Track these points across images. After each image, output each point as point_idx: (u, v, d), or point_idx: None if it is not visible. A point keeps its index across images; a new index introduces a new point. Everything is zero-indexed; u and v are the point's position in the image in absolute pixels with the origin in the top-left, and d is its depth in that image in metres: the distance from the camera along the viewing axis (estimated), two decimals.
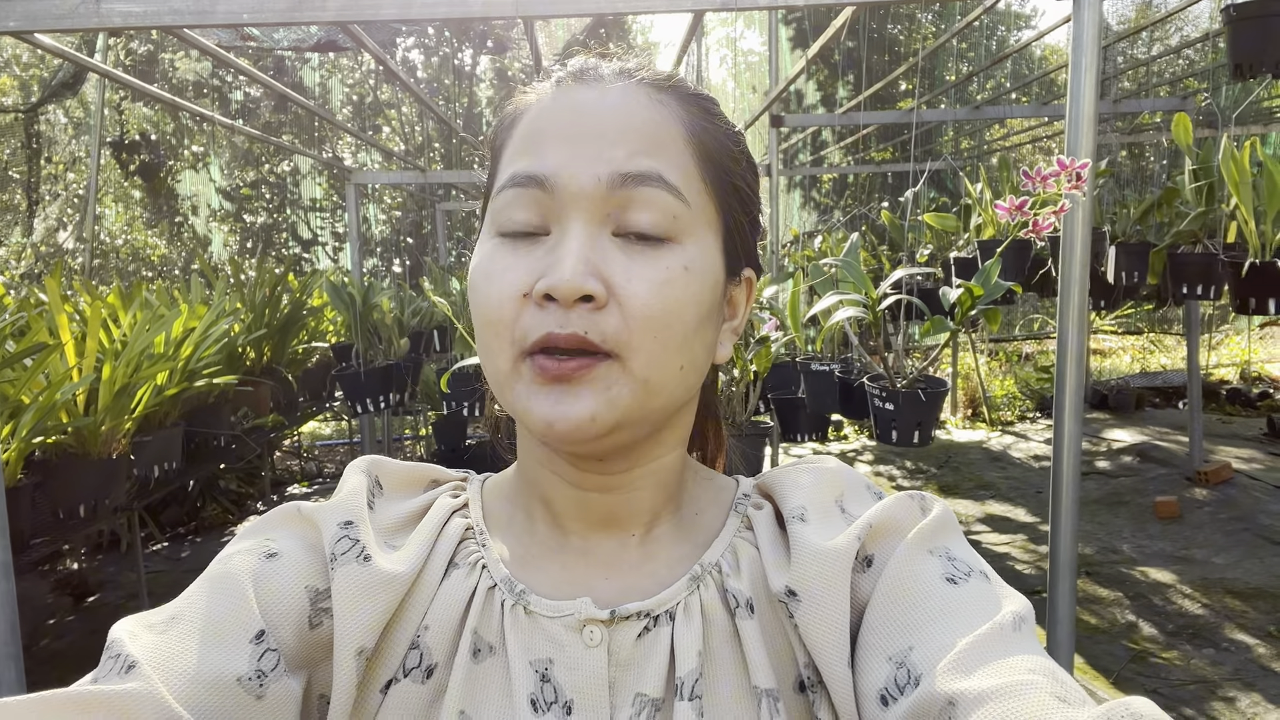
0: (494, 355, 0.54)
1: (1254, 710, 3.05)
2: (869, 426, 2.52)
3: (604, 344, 0.51)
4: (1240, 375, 8.24)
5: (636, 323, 0.51)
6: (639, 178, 0.52)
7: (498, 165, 0.58)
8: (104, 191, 9.32)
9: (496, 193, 0.55)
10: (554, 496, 0.60)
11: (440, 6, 1.70)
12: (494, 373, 0.54)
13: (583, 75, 0.57)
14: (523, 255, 0.53)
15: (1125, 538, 4.70)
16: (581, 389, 0.51)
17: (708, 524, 0.62)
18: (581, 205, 0.52)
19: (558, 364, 0.51)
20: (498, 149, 0.59)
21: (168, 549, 5.07)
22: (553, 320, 0.51)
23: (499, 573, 0.58)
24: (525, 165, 0.54)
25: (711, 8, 1.76)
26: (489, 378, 0.56)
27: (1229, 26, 2.96)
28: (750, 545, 0.59)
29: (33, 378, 2.35)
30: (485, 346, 0.54)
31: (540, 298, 0.51)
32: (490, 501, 0.64)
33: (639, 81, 0.57)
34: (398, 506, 0.61)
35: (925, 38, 9.10)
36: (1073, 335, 1.78)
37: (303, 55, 8.63)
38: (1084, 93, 1.70)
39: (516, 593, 0.56)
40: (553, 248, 0.52)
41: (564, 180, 0.52)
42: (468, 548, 0.59)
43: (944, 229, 4.13)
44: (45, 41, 2.23)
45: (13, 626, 1.67)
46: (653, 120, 0.55)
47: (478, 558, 0.59)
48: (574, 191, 0.52)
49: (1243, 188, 2.81)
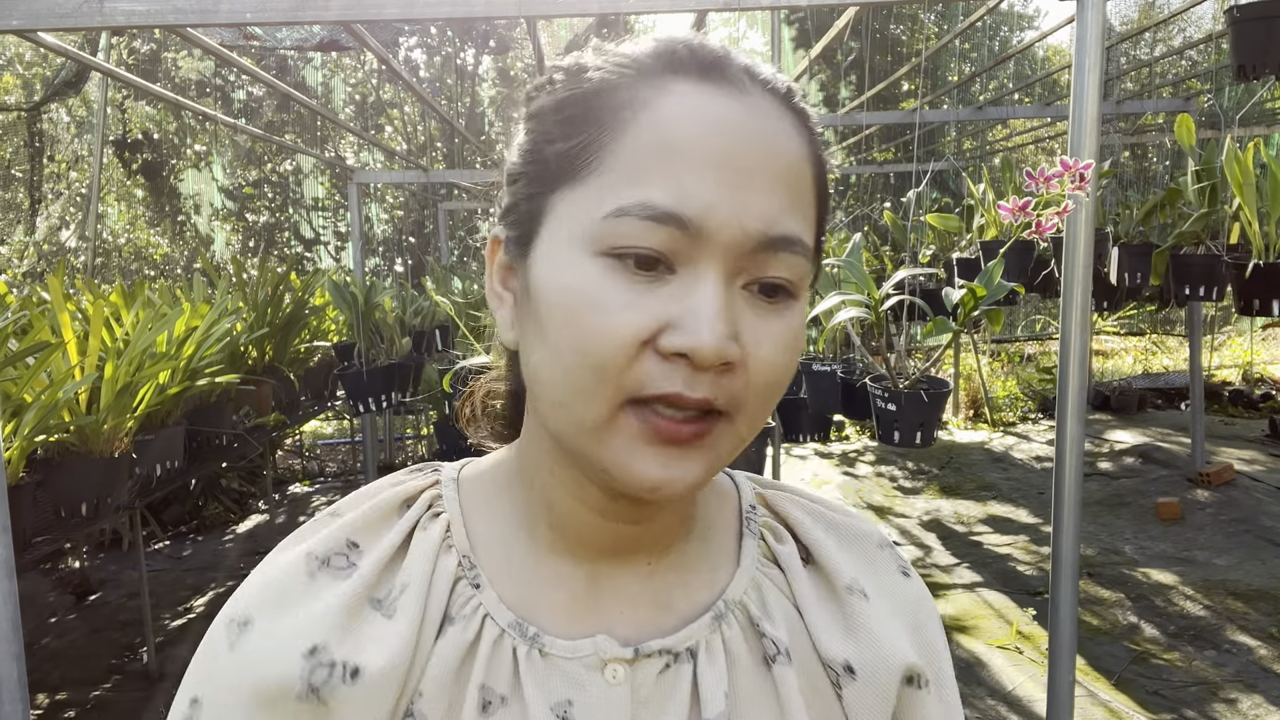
0: (587, 398, 0.47)
1: (1255, 712, 3.04)
2: (871, 427, 2.52)
3: (724, 406, 0.47)
4: (1242, 377, 8.23)
5: (757, 386, 0.48)
6: (785, 242, 0.48)
7: (596, 157, 0.48)
8: (106, 190, 9.33)
9: (614, 215, 0.46)
10: (573, 524, 0.55)
11: (443, 6, 1.70)
12: (579, 416, 0.47)
13: (715, 71, 0.49)
14: (643, 292, 0.46)
15: (1127, 539, 4.69)
16: (693, 452, 0.48)
17: (720, 544, 0.60)
18: (722, 256, 0.47)
19: (678, 427, 0.47)
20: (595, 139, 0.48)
21: (169, 547, 5.08)
22: (680, 380, 0.46)
23: (504, 617, 0.53)
24: (664, 197, 0.45)
25: (714, 8, 1.76)
26: (566, 419, 0.48)
27: (1232, 27, 2.96)
28: (775, 587, 0.59)
29: (35, 376, 2.36)
30: (576, 386, 0.47)
31: (670, 353, 0.46)
32: (476, 515, 0.58)
33: (772, 93, 0.50)
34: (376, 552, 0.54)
35: (928, 38, 9.09)
36: (1075, 336, 1.77)
37: (305, 55, 8.64)
38: (1087, 93, 1.70)
39: (529, 637, 0.53)
40: (682, 294, 0.46)
41: (711, 229, 0.46)
42: (461, 593, 0.54)
43: (946, 229, 4.13)
44: (48, 40, 2.23)
45: (14, 625, 1.67)
46: (796, 162, 0.50)
47: (475, 604, 0.54)
48: (720, 242, 0.46)
49: (1246, 189, 2.81)
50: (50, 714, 3.29)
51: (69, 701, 3.38)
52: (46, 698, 3.40)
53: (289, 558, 0.54)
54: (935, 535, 4.90)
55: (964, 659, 3.47)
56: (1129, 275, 3.76)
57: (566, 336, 0.47)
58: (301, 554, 0.54)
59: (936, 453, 6.57)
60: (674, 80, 0.48)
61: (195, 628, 3.96)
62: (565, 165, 0.49)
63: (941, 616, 3.02)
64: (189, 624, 4.03)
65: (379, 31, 6.59)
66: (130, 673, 3.59)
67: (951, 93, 7.39)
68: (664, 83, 0.48)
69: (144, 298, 3.25)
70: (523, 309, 0.51)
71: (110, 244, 9.17)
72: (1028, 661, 3.44)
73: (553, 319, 0.47)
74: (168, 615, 4.12)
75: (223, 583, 4.50)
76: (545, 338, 0.48)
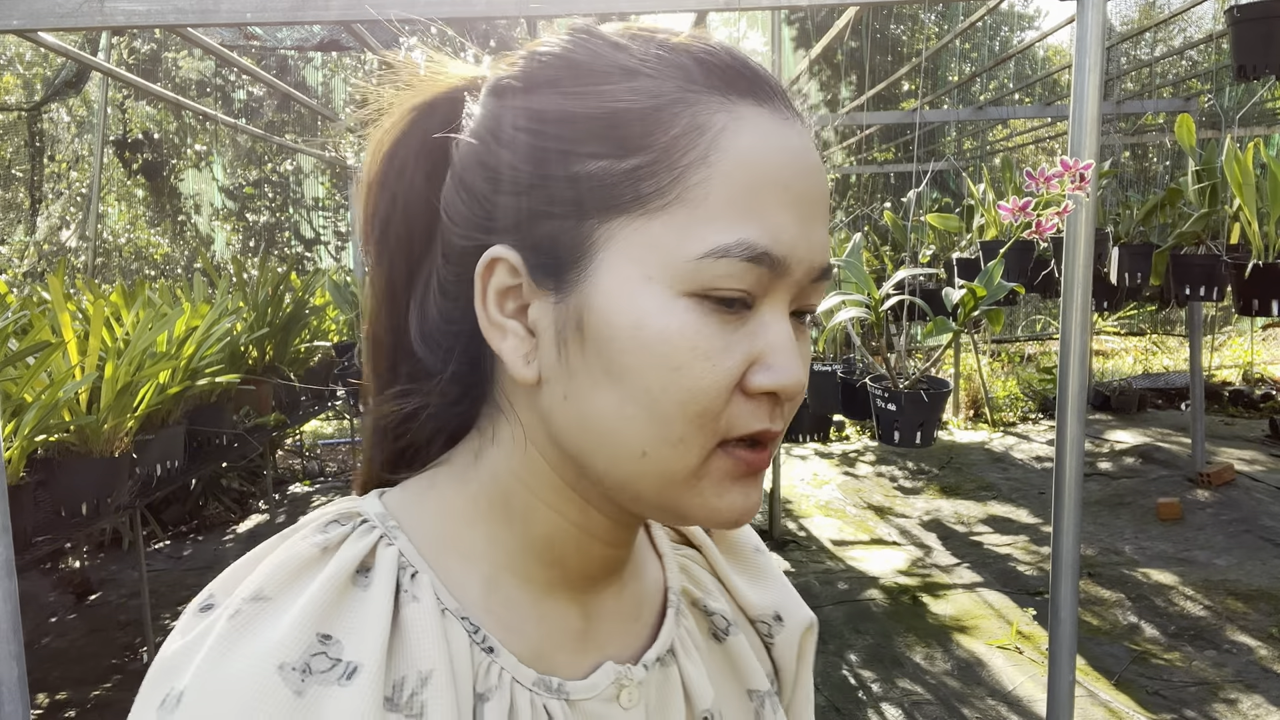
0: (684, 447, 0.44)
1: (1256, 712, 3.04)
2: (871, 427, 2.52)
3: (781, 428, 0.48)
4: (1243, 377, 8.23)
5: (796, 404, 0.49)
6: (828, 272, 0.49)
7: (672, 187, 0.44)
8: (107, 190, 9.34)
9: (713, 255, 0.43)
10: (577, 556, 0.52)
11: (444, 5, 1.70)
12: (670, 467, 0.45)
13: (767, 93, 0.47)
14: (732, 332, 0.45)
15: (1127, 539, 4.69)
16: (761, 475, 0.48)
17: (641, 541, 0.61)
18: (790, 290, 0.47)
19: (759, 457, 0.46)
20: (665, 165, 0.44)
21: (169, 547, 5.08)
22: (766, 415, 0.46)
23: (527, 677, 0.49)
24: (760, 236, 0.44)
25: (715, 7, 1.76)
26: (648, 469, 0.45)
27: (1232, 28, 2.96)
28: (696, 565, 0.62)
29: (35, 376, 2.36)
30: (670, 436, 0.44)
31: (759, 392, 0.45)
32: (448, 565, 0.50)
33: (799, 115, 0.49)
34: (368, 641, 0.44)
35: (928, 38, 9.09)
36: (1075, 336, 1.77)
37: (306, 54, 8.64)
38: (1088, 93, 1.70)
39: (555, 690, 0.50)
40: (760, 330, 0.45)
41: (792, 266, 0.45)
42: (479, 663, 0.48)
43: (947, 230, 4.13)
44: (49, 40, 2.24)
45: (15, 625, 1.67)
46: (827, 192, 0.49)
47: (498, 671, 0.48)
48: (795, 279, 0.46)
49: (1246, 189, 2.81)
50: (50, 714, 3.29)
51: (69, 701, 3.38)
52: (46, 698, 3.40)
53: (253, 675, 0.41)
54: (935, 535, 4.90)
55: (964, 659, 3.47)
56: (1129, 275, 3.76)
57: (664, 386, 0.43)
58: (271, 668, 0.41)
59: (936, 453, 6.57)
60: (740, 103, 0.45)
61: None
62: (623, 191, 0.44)
63: (941, 616, 3.03)
64: None
65: (379, 31, 6.59)
66: (130, 673, 3.59)
67: (952, 93, 7.39)
68: (732, 106, 0.45)
69: (144, 298, 3.25)
70: (565, 347, 0.46)
71: (110, 244, 9.17)
72: (1028, 661, 3.44)
73: (642, 366, 0.44)
74: (168, 615, 4.12)
75: None
76: (624, 384, 0.44)
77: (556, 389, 0.47)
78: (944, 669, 3.41)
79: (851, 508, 5.44)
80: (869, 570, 4.40)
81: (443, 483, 0.52)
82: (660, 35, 0.47)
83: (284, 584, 0.45)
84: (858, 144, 8.89)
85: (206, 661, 0.42)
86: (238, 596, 0.45)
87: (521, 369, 0.47)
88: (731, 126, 0.44)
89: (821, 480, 6.08)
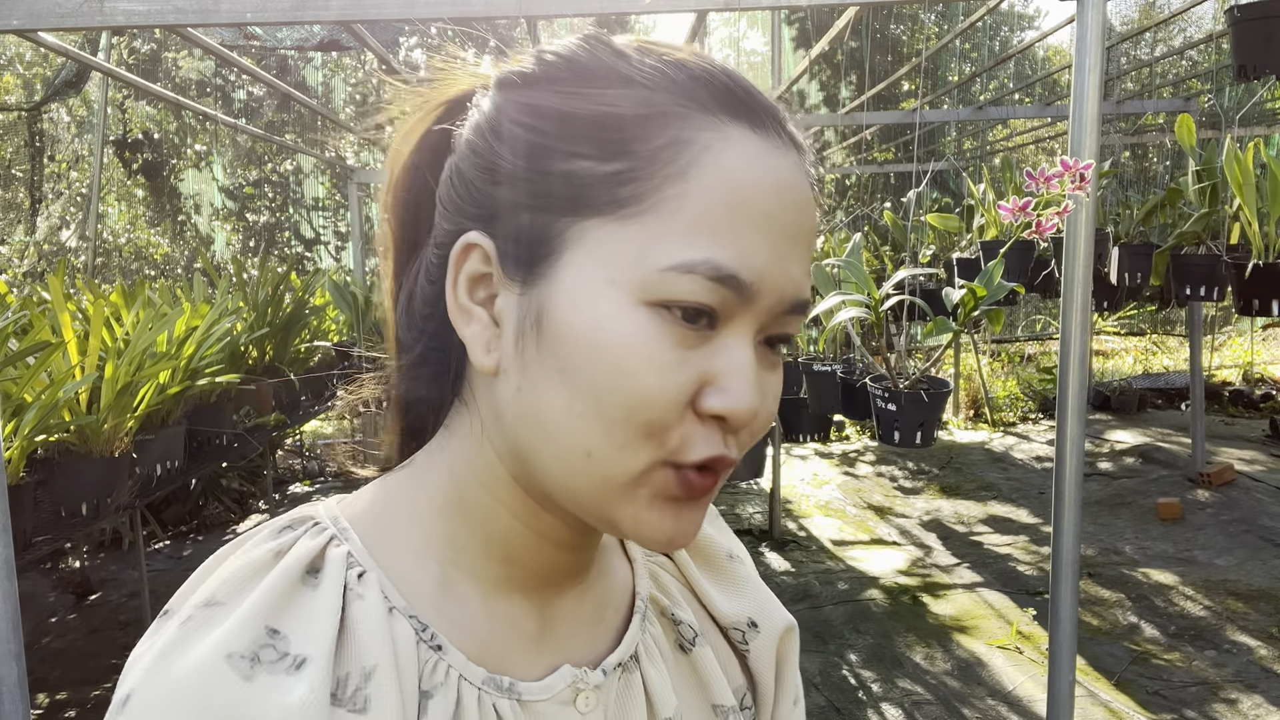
0: (628, 452, 0.44)
1: (1256, 712, 3.04)
2: (871, 427, 2.52)
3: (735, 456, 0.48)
4: (1243, 377, 8.23)
5: (755, 433, 0.48)
6: (804, 305, 0.48)
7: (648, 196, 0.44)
8: (107, 190, 9.33)
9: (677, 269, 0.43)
10: (528, 556, 0.52)
11: (443, 5, 1.70)
12: (610, 469, 0.45)
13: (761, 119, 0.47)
14: (688, 349, 0.44)
15: (1127, 539, 4.70)
16: (701, 501, 0.48)
17: (610, 546, 0.61)
18: (757, 317, 0.46)
19: (703, 480, 0.46)
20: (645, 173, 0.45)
21: (169, 547, 5.08)
22: (719, 441, 0.45)
23: (476, 675, 0.49)
24: (730, 259, 0.44)
25: (715, 7, 1.76)
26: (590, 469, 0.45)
27: (1233, 28, 2.96)
28: (666, 573, 0.62)
29: (35, 376, 2.36)
30: (615, 439, 0.44)
31: (710, 414, 0.45)
32: (400, 564, 0.50)
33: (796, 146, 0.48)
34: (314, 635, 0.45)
35: (928, 38, 9.09)
36: (1075, 336, 1.77)
37: (306, 54, 8.64)
38: (1088, 93, 1.70)
39: (505, 689, 0.50)
40: (719, 351, 0.45)
41: (760, 293, 0.45)
42: (425, 659, 0.48)
43: (947, 229, 4.13)
44: (49, 40, 2.24)
45: (15, 625, 1.67)
46: (814, 227, 0.49)
47: (445, 669, 0.48)
48: (763, 306, 0.46)
49: (1246, 189, 2.81)
50: (50, 714, 3.29)
51: (69, 701, 3.38)
52: (46, 698, 3.40)
53: (201, 667, 0.42)
54: (935, 535, 4.90)
55: (964, 659, 3.48)
56: (1129, 275, 3.76)
57: (611, 388, 0.44)
58: (219, 657, 0.42)
59: (937, 453, 6.57)
60: (731, 125, 0.45)
61: None
62: (600, 193, 0.45)
63: (941, 616, 3.03)
64: None
65: (379, 31, 6.59)
66: None
67: (952, 93, 7.39)
68: (721, 126, 0.45)
69: (144, 297, 3.25)
70: (523, 339, 0.46)
71: (110, 244, 9.17)
72: (1028, 661, 3.44)
73: (593, 367, 0.44)
74: None
75: None
76: (574, 382, 0.44)
77: (511, 380, 0.47)
78: (944, 669, 3.41)
79: (851, 508, 5.44)
80: (869, 570, 4.40)
81: (403, 480, 0.53)
82: (664, 50, 0.48)
83: (236, 590, 0.45)
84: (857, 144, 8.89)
85: (155, 662, 0.43)
86: (190, 603, 0.45)
87: (482, 356, 0.48)
88: (716, 146, 0.45)
89: (821, 480, 6.09)
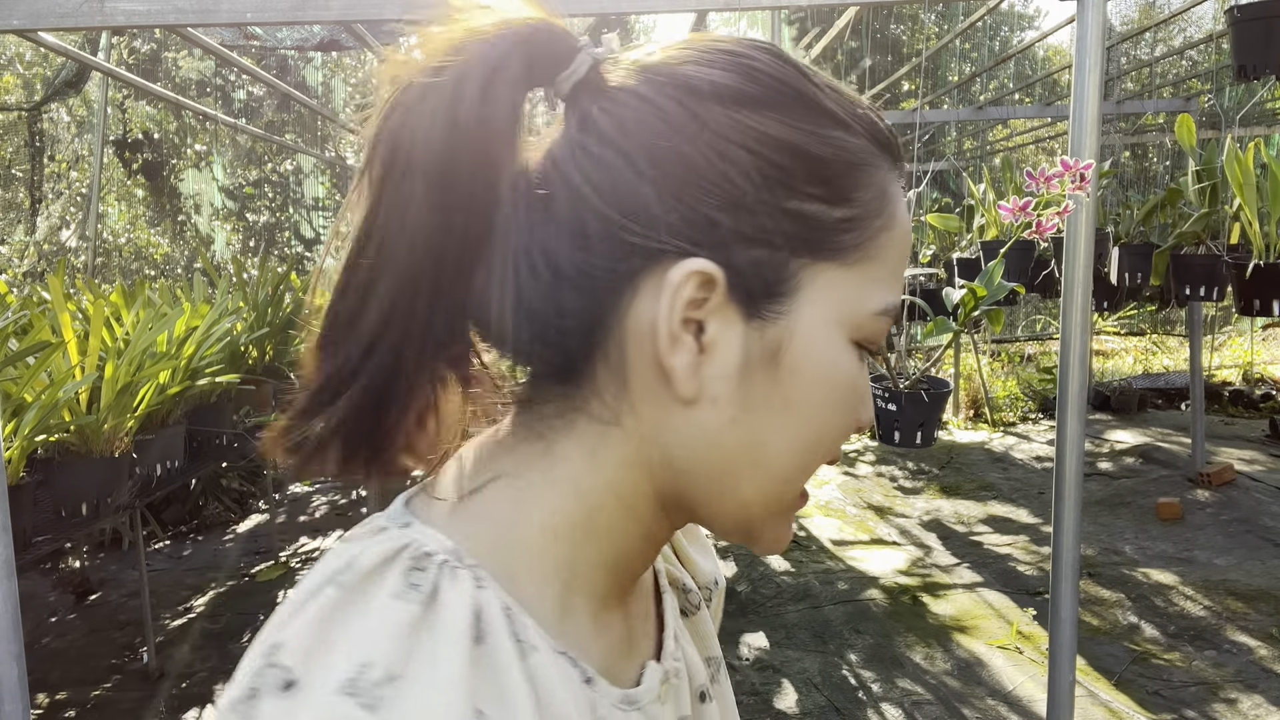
0: (807, 477, 0.49)
1: (1256, 712, 3.04)
2: (871, 426, 2.52)
3: None
4: (1243, 377, 8.23)
5: None
6: None
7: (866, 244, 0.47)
8: (107, 190, 9.33)
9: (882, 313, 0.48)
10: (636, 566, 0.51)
11: (443, 5, 1.70)
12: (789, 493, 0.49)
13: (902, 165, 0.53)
14: None
15: (1127, 539, 4.70)
16: None
17: None
18: None
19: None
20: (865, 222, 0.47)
21: (169, 547, 5.08)
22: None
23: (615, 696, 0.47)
24: (895, 301, 0.49)
25: (715, 7, 1.76)
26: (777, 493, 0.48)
27: (1233, 28, 2.96)
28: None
29: (35, 376, 2.36)
30: (807, 466, 0.49)
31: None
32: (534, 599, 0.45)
33: None
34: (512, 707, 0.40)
35: (928, 38, 9.09)
36: (1076, 336, 1.77)
37: (306, 54, 8.64)
38: (1088, 93, 1.70)
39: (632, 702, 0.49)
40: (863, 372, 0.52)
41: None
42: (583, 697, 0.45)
43: (947, 229, 4.13)
44: (49, 40, 2.24)
45: (15, 625, 1.67)
46: None
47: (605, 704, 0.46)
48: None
49: (1246, 189, 2.81)
50: (50, 714, 3.29)
51: (69, 701, 3.38)
52: (46, 698, 3.40)
53: None
54: (935, 535, 4.90)
55: (964, 659, 3.47)
56: (1129, 275, 3.76)
57: (840, 423, 0.48)
58: None
59: (937, 453, 6.57)
60: (897, 173, 0.49)
61: (195, 627, 3.96)
62: (830, 237, 0.46)
63: (941, 616, 3.03)
64: (189, 624, 4.03)
65: (379, 32, 6.58)
66: (130, 673, 3.59)
67: (952, 93, 7.39)
68: (896, 177, 0.49)
69: (144, 297, 3.25)
70: (750, 371, 0.45)
71: (110, 244, 9.17)
72: (1028, 661, 3.44)
73: (827, 401, 0.47)
74: (168, 615, 4.12)
75: (223, 582, 4.50)
76: (801, 414, 0.47)
77: (723, 410, 0.45)
78: (944, 669, 3.41)
79: (851, 507, 5.44)
80: (869, 570, 4.40)
81: (502, 499, 0.47)
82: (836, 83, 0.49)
83: (404, 654, 0.38)
84: None
85: None
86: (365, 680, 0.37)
87: (687, 384, 0.45)
88: (897, 196, 0.49)
89: (821, 480, 6.09)
